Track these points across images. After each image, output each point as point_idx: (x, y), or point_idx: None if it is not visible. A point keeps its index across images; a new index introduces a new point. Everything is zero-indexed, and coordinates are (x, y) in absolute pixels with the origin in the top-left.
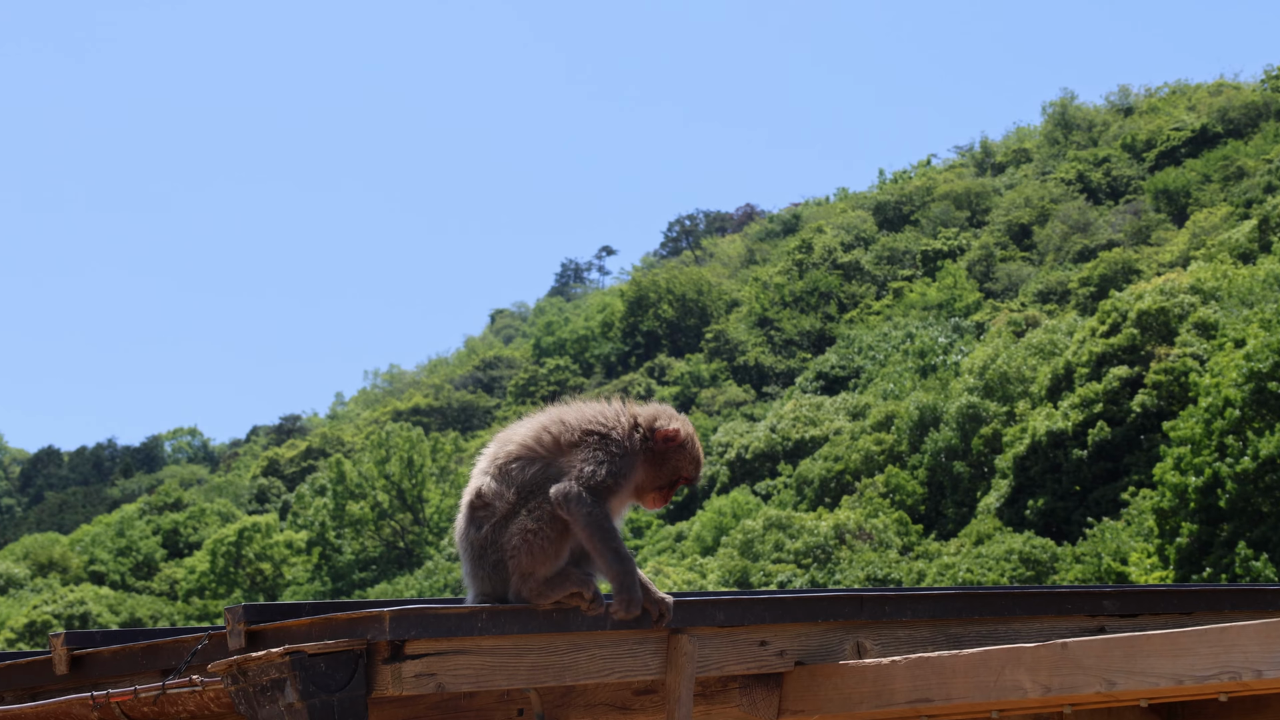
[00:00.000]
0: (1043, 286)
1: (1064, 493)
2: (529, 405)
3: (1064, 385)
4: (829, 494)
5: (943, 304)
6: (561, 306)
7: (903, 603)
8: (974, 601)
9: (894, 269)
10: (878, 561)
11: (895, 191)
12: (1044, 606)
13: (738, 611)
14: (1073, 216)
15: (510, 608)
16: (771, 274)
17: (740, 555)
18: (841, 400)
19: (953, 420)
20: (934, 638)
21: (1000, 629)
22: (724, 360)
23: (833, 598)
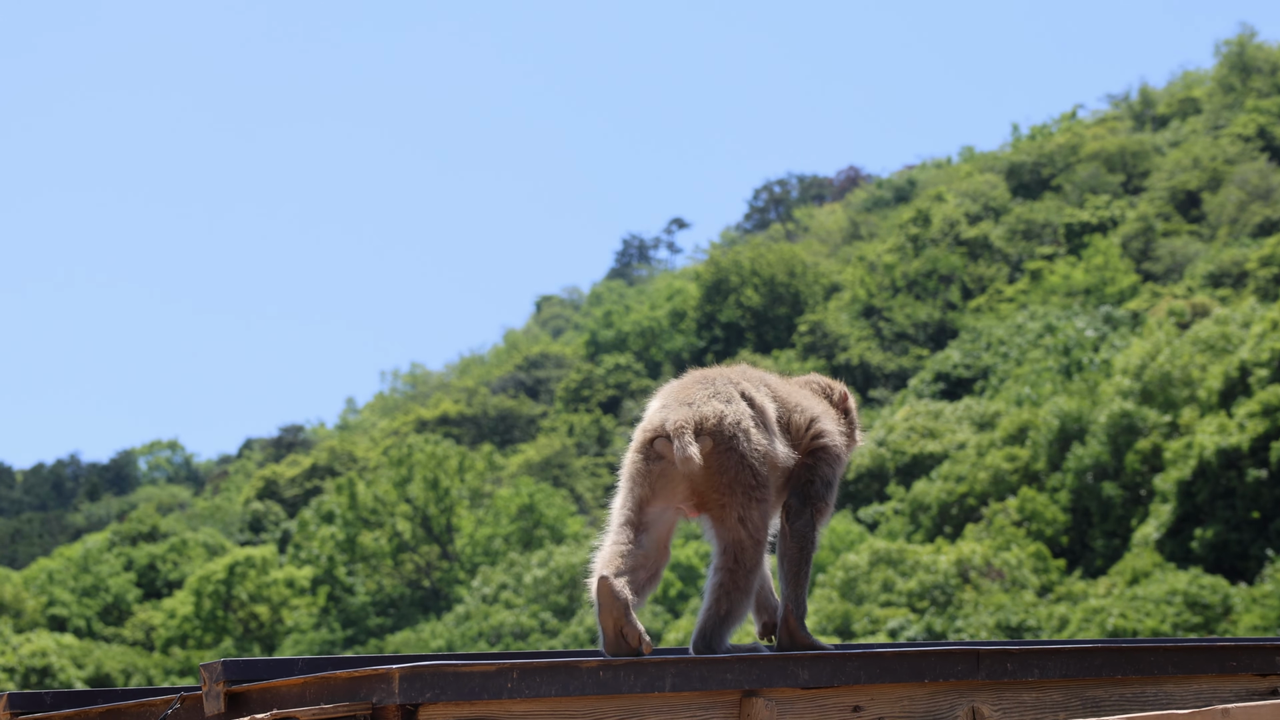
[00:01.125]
0: (1214, 267)
1: (1239, 521)
2: (581, 413)
3: (1240, 389)
4: (950, 522)
5: (1091, 289)
6: (623, 292)
7: (1028, 659)
8: (1116, 657)
9: (1031, 246)
10: (1010, 605)
11: (1033, 150)
12: (1203, 664)
13: (826, 670)
14: (1252, 181)
15: (548, 663)
16: (880, 252)
17: (840, 597)
18: (966, 407)
19: (1102, 432)
20: (1067, 702)
21: (1149, 691)
22: (822, 358)
23: (942, 653)
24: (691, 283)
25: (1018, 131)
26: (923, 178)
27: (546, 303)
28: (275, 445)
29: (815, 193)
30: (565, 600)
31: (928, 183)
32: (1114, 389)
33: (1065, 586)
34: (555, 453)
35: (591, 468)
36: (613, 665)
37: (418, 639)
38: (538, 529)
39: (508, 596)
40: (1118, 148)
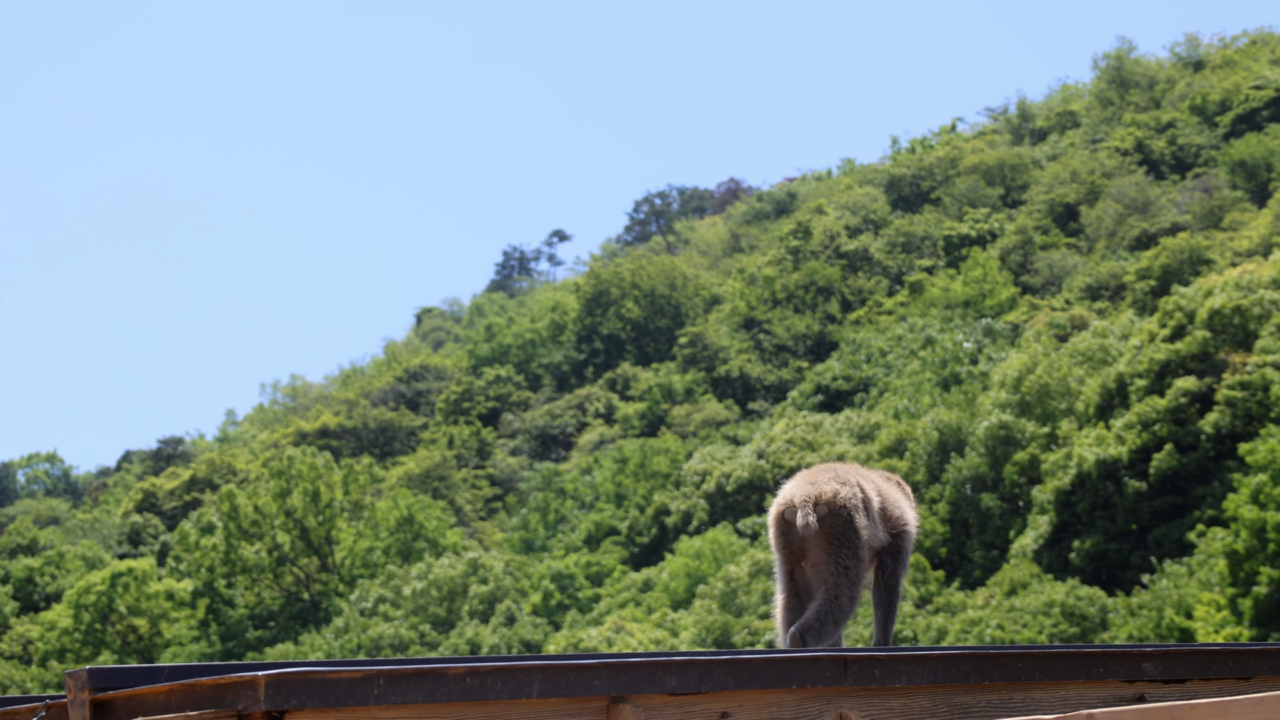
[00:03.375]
0: (1092, 280)
1: (1117, 532)
2: (461, 425)
3: (1118, 401)
4: None
5: (970, 301)
6: (504, 304)
7: (896, 665)
8: (984, 664)
9: (910, 258)
10: None
11: (913, 163)
12: (1071, 670)
13: (694, 676)
14: (1129, 194)
15: (415, 670)
16: (760, 264)
17: (721, 609)
18: (845, 419)
19: (981, 444)
20: (935, 708)
21: (1016, 697)
22: (702, 370)
23: (810, 659)
24: (572, 295)
25: (897, 144)
26: (803, 190)
27: (427, 315)
28: (154, 458)
29: (696, 205)
30: (444, 612)
31: (808, 195)
32: (992, 401)
33: (944, 598)
34: (435, 465)
35: (471, 480)
36: (479, 672)
37: (297, 652)
38: (417, 541)
39: (386, 609)
40: (996, 161)
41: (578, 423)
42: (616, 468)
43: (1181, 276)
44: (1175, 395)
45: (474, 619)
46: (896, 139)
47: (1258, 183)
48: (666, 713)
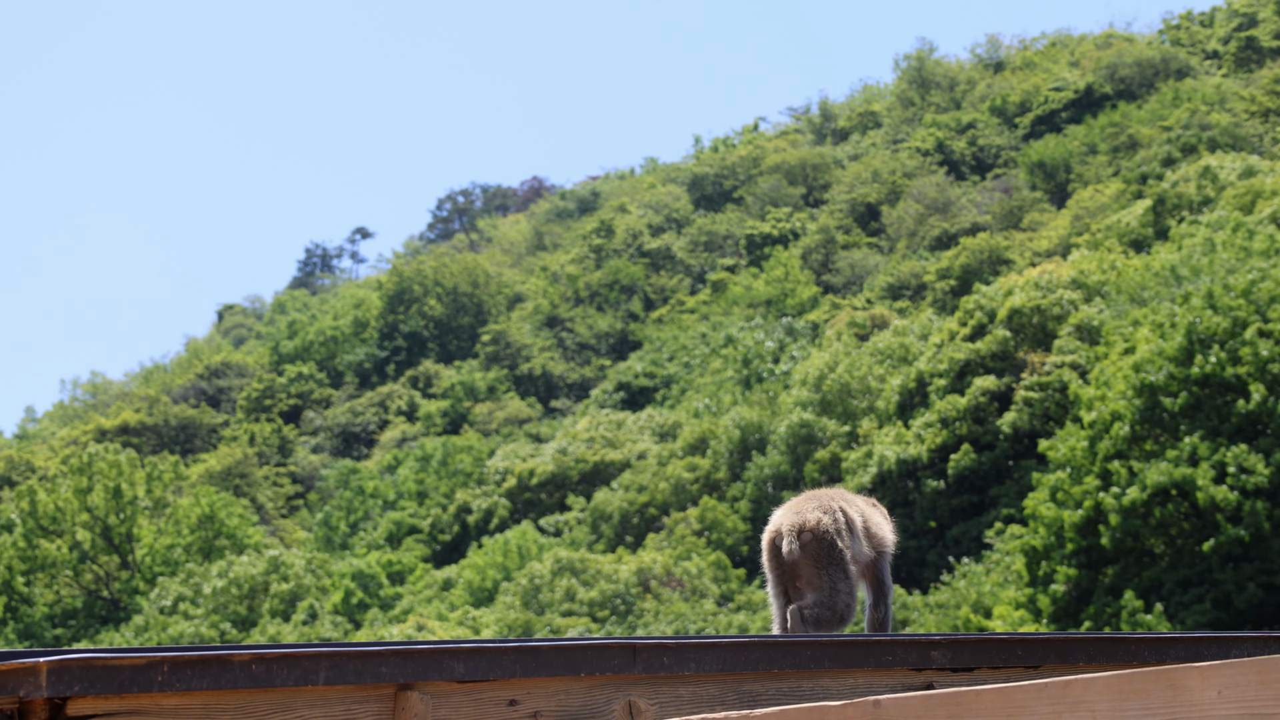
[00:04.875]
0: (893, 279)
1: (917, 530)
2: (263, 422)
3: (918, 400)
4: (631, 532)
5: (771, 300)
6: (306, 302)
7: (685, 653)
8: (773, 652)
9: (713, 257)
10: (690, 614)
11: (715, 163)
12: (860, 658)
13: (482, 663)
14: (930, 194)
15: (199, 657)
16: (563, 263)
17: (523, 606)
18: (647, 417)
19: (782, 442)
20: (723, 695)
21: (805, 685)
22: (504, 368)
23: (599, 646)
24: (374, 292)
25: (700, 143)
26: (606, 189)
27: (229, 312)
28: None
29: (499, 203)
30: (245, 610)
31: (611, 194)
32: (793, 399)
33: (745, 595)
34: (237, 462)
35: (273, 477)
36: (265, 659)
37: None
38: (219, 539)
39: (186, 607)
40: (799, 160)
41: (380, 420)
42: (418, 465)
43: (981, 276)
44: (975, 394)
45: (275, 617)
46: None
47: (1056, 184)
48: (454, 700)
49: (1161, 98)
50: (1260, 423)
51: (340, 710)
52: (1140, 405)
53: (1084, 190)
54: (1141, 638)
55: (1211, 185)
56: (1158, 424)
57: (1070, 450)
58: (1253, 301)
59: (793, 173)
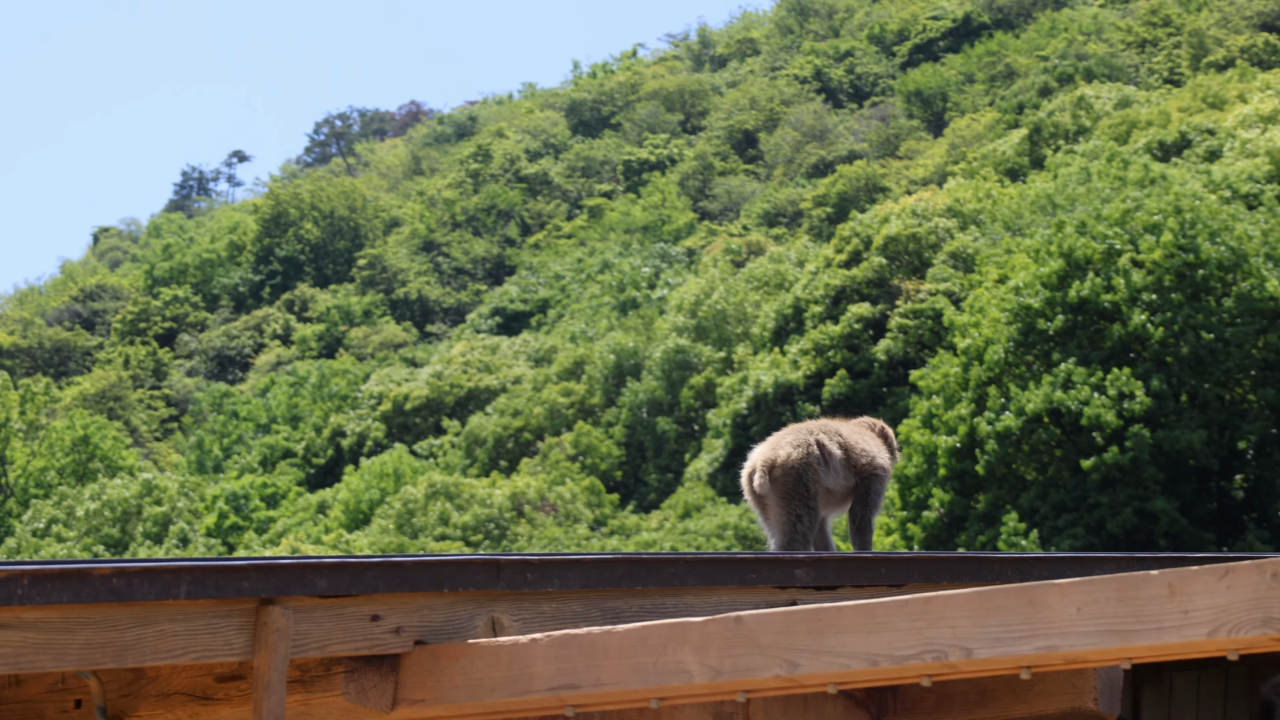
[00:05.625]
0: (769, 206)
1: None
2: (138, 345)
3: (793, 326)
4: (505, 456)
5: (648, 226)
6: (182, 225)
7: (549, 569)
8: (637, 569)
9: (590, 183)
10: (564, 538)
11: (593, 89)
12: (724, 576)
13: (344, 578)
14: (807, 122)
15: (60, 570)
16: (440, 188)
17: (397, 530)
18: (522, 342)
19: (657, 368)
20: (587, 612)
21: (669, 603)
22: (380, 292)
23: (462, 562)
24: (251, 216)
25: (579, 69)
26: (484, 114)
27: (104, 235)
28: None
29: (377, 127)
30: (118, 533)
31: (489, 119)
32: (669, 325)
33: (619, 520)
34: (111, 385)
35: (148, 400)
36: (126, 573)
37: None
38: (92, 462)
39: (59, 530)
40: (677, 87)
41: (255, 344)
42: (293, 389)
43: (858, 204)
44: (850, 321)
45: (148, 540)
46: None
47: (933, 112)
48: (317, 615)
49: (1039, 27)
50: (1132, 349)
51: (202, 625)
52: (1016, 330)
53: (961, 119)
54: (1005, 558)
55: (1087, 115)
56: (1032, 349)
57: (944, 376)
58: (1126, 231)
59: (671, 99)
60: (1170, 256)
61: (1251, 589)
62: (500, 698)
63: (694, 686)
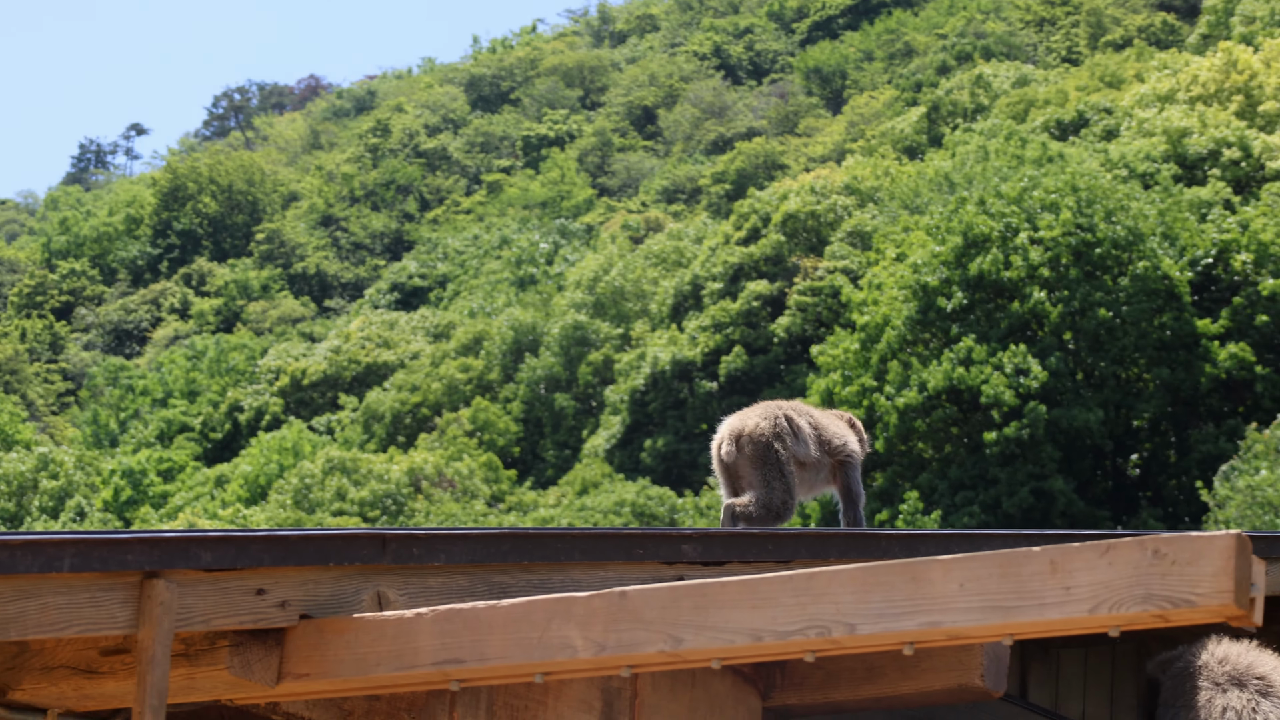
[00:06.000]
0: (668, 183)
1: (688, 433)
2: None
3: (691, 303)
4: (403, 432)
5: (547, 202)
6: (80, 198)
7: (435, 544)
8: (523, 543)
9: (489, 158)
10: (461, 514)
11: (493, 64)
12: (611, 551)
13: (229, 552)
14: (706, 99)
15: None
16: (339, 162)
17: (294, 505)
18: (421, 317)
19: (555, 344)
20: (473, 586)
21: (556, 578)
22: (278, 267)
23: (348, 537)
24: (149, 190)
25: (478, 44)
26: (383, 89)
27: (1, 208)
28: None
29: (276, 101)
30: (14, 507)
31: (388, 94)
32: (567, 301)
33: (516, 496)
34: (7, 358)
35: (44, 374)
36: (8, 545)
37: None
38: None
39: None
40: (576, 63)
41: (153, 318)
42: (190, 363)
43: (756, 181)
44: (748, 298)
45: (44, 514)
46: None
47: (832, 90)
48: (201, 589)
49: (937, 5)
50: (1030, 327)
51: (85, 598)
52: (914, 308)
53: (859, 97)
54: (892, 534)
55: (985, 93)
56: (931, 326)
57: (843, 353)
58: (1024, 209)
59: (570, 75)
60: (1068, 235)
61: (1133, 566)
62: (385, 671)
63: (578, 661)
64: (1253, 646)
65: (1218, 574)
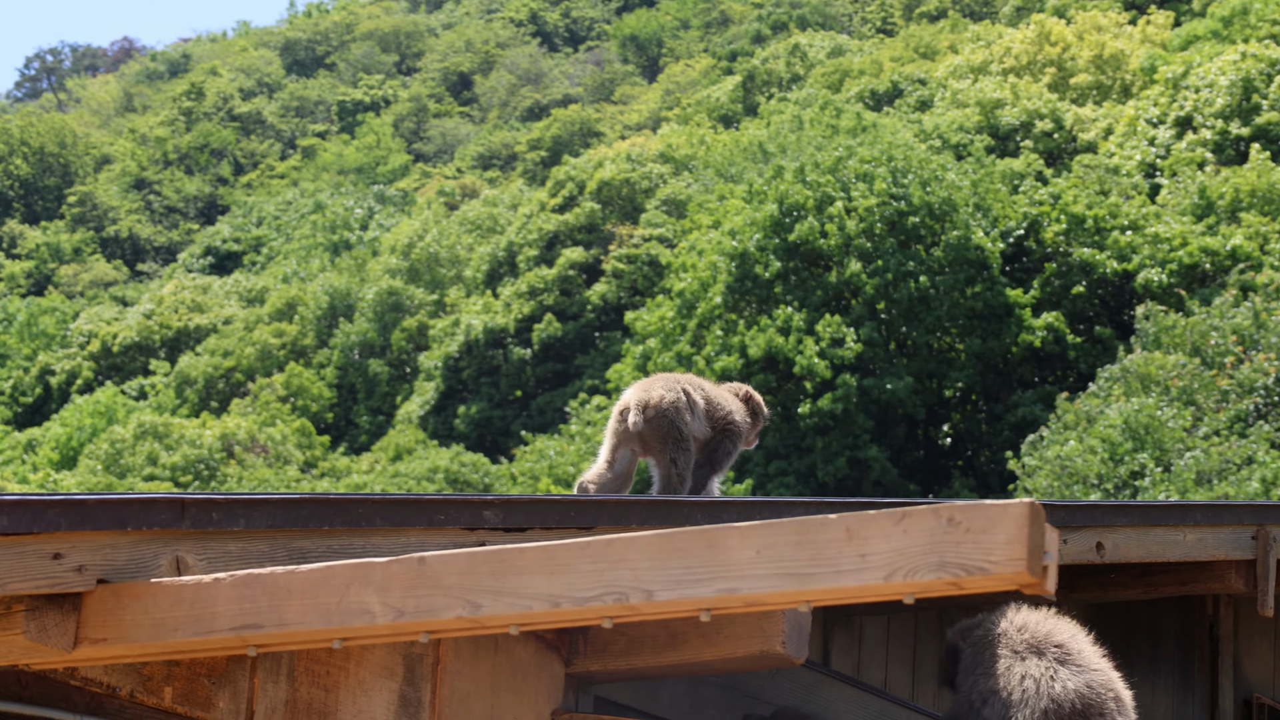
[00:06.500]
0: (484, 149)
1: (502, 399)
2: None
3: (506, 270)
4: (216, 397)
5: (362, 167)
6: None
7: (234, 509)
8: (324, 509)
9: (304, 123)
10: (274, 480)
11: (309, 28)
12: (412, 517)
13: (25, 516)
14: (522, 65)
15: None
16: (153, 125)
17: (105, 470)
18: (234, 282)
19: (370, 310)
20: (273, 552)
21: (357, 543)
22: (91, 230)
23: (147, 501)
24: None
25: (294, 8)
26: (198, 52)
27: None
28: None
29: (89, 63)
30: None
31: (203, 57)
32: (382, 267)
33: (329, 462)
34: None
35: None
36: None
37: None
38: None
39: None
40: (392, 28)
41: None
42: (1, 327)
43: (572, 148)
44: (563, 265)
45: None
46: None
47: (648, 57)
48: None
49: None
50: (843, 296)
51: None
52: (731, 276)
53: (675, 65)
54: (695, 501)
55: (801, 63)
56: (748, 295)
57: (660, 320)
58: (840, 179)
59: (386, 40)
60: (883, 205)
61: (928, 534)
62: (183, 637)
63: (377, 627)
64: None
65: (1011, 542)
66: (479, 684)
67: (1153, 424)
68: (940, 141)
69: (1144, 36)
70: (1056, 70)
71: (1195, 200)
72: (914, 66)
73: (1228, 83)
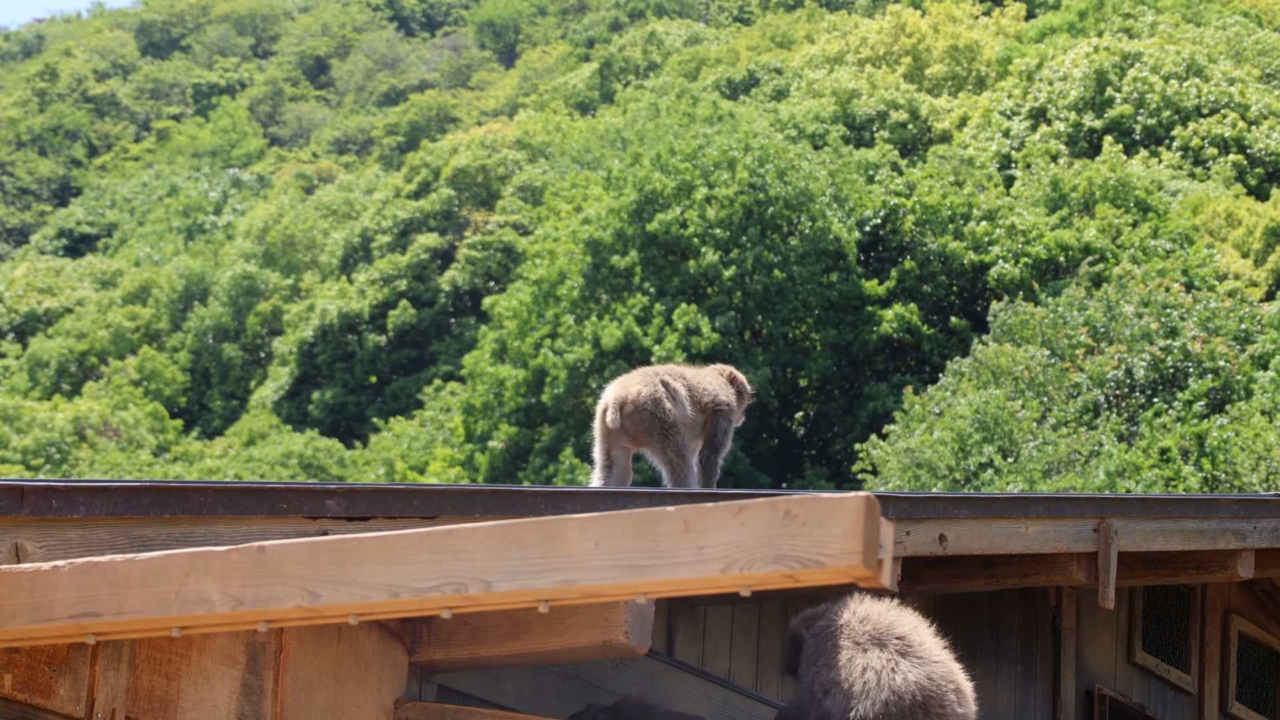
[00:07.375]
0: (340, 134)
1: (356, 385)
2: None
3: (361, 255)
4: (69, 380)
5: (217, 151)
6: None
7: (74, 496)
8: (165, 497)
9: (159, 105)
10: (126, 464)
11: (164, 9)
12: (254, 505)
13: None
14: (379, 50)
15: None
16: (4, 106)
17: None
18: (88, 264)
19: (224, 294)
20: (114, 540)
21: (199, 531)
22: None
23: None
24: None
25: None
26: (52, 32)
27: None
28: None
29: None
30: None
31: (57, 37)
32: (237, 251)
33: (182, 446)
34: None
35: None
36: None
37: None
38: None
39: None
40: (248, 10)
41: None
42: None
43: (429, 134)
44: (417, 251)
45: None
46: None
47: (505, 43)
48: None
49: None
50: (703, 285)
51: None
52: (587, 265)
53: (533, 51)
54: (539, 491)
55: (657, 51)
56: (604, 283)
57: (518, 305)
58: (698, 167)
59: (242, 22)
60: (741, 194)
61: (764, 526)
62: (21, 624)
63: (216, 616)
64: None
65: (846, 535)
66: (322, 672)
67: (1002, 415)
68: (796, 131)
69: (998, 28)
70: (912, 61)
71: (1048, 192)
72: (770, 56)
73: (1081, 75)
